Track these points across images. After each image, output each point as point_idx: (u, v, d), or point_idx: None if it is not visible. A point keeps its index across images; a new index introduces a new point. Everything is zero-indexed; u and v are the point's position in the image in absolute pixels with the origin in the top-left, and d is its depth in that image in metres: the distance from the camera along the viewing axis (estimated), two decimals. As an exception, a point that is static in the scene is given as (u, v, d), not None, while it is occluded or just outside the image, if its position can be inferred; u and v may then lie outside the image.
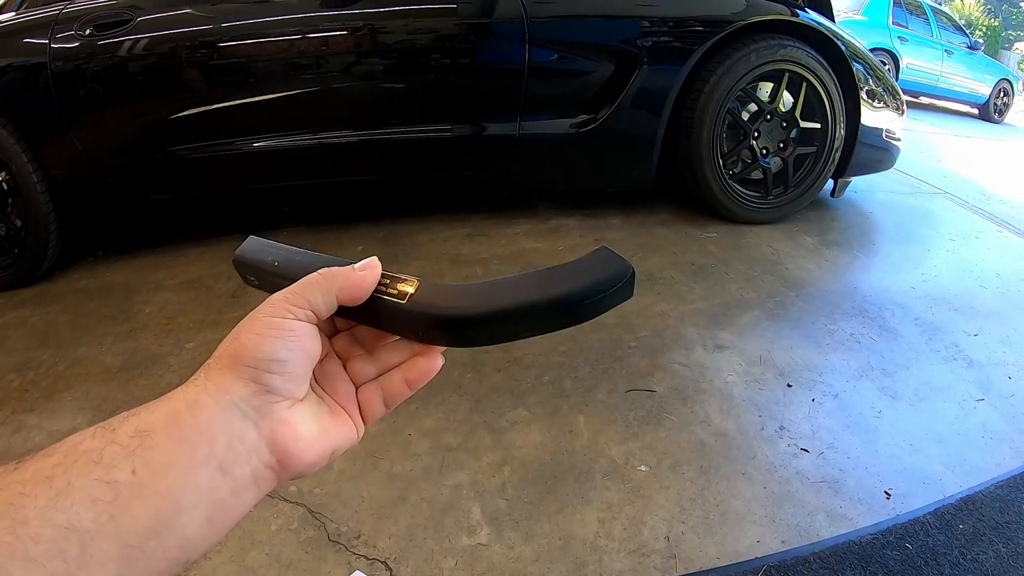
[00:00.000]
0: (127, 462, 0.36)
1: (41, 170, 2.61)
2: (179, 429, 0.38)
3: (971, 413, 1.93)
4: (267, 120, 2.70)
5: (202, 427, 0.39)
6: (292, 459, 0.42)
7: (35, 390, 1.99)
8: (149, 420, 0.38)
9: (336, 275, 0.45)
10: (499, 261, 2.62)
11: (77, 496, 0.34)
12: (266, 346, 0.41)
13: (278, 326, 0.42)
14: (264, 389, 0.41)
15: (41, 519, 0.33)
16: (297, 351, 0.42)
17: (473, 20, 2.73)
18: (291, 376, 0.42)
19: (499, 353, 2.04)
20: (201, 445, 0.38)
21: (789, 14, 2.94)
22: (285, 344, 0.42)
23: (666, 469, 1.61)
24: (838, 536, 1.46)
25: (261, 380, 0.41)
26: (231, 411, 0.40)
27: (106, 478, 0.35)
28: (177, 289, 2.55)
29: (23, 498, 0.34)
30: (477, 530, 1.44)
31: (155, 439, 0.37)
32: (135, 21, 2.52)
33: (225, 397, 0.40)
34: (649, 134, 2.87)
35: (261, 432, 0.41)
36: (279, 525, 1.45)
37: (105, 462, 0.36)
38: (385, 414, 0.51)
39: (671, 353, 2.07)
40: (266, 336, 0.42)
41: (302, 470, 0.43)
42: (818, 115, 3.06)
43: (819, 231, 3.13)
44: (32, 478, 0.35)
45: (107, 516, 0.34)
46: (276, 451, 0.42)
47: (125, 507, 0.35)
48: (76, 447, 0.36)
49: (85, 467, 0.35)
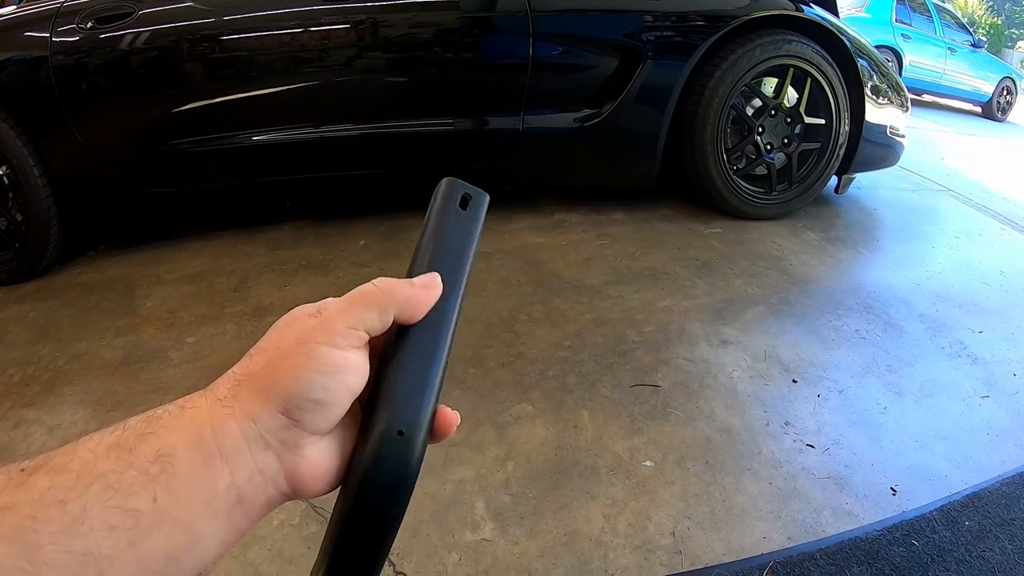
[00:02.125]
0: (147, 490, 0.34)
1: (42, 164, 2.60)
2: (202, 455, 0.36)
3: (976, 410, 1.92)
4: (269, 114, 2.69)
5: (226, 455, 0.37)
6: (304, 488, 0.40)
7: (35, 385, 1.98)
8: (170, 442, 0.36)
9: (395, 290, 0.41)
10: (502, 256, 2.62)
11: (95, 523, 0.33)
12: (307, 383, 0.38)
13: (325, 359, 0.38)
14: (294, 424, 0.38)
15: (56, 545, 0.32)
16: (340, 389, 0.39)
17: (476, 14, 2.72)
18: (327, 416, 0.39)
19: (503, 348, 2.03)
20: (224, 476, 0.37)
21: (794, 9, 2.93)
22: (326, 385, 0.38)
23: (671, 464, 1.60)
24: (844, 532, 1.45)
25: (293, 416, 0.38)
26: (257, 442, 0.38)
27: (125, 506, 0.34)
28: (178, 283, 2.54)
29: (35, 522, 0.32)
30: (481, 525, 1.43)
31: (177, 466, 0.36)
32: (136, 14, 2.51)
33: (252, 427, 0.38)
34: (653, 129, 2.86)
35: (283, 465, 0.39)
36: (281, 520, 1.45)
37: (124, 489, 0.34)
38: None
39: (675, 348, 2.06)
40: (309, 370, 0.38)
41: (312, 496, 0.41)
42: (822, 111, 3.05)
43: (823, 227, 3.12)
44: (42, 499, 0.33)
45: (126, 543, 0.33)
46: (292, 483, 0.39)
47: (145, 535, 0.34)
48: (91, 468, 0.34)
49: (102, 492, 0.34)
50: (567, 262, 2.59)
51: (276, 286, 2.43)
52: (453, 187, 0.47)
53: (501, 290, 2.36)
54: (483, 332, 2.11)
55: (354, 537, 0.40)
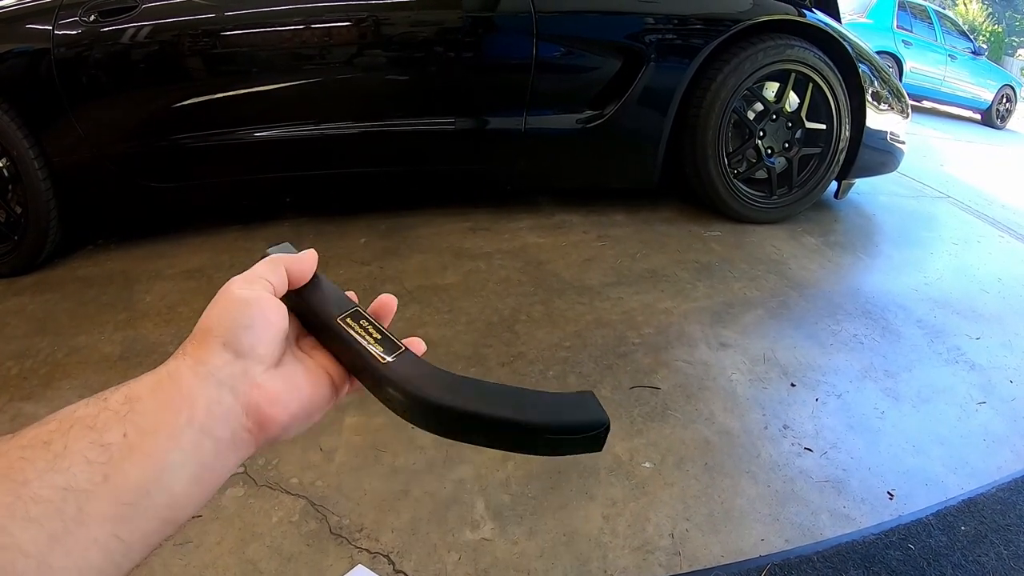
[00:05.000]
0: (119, 426, 0.39)
1: (42, 157, 2.59)
2: (164, 395, 0.41)
3: (973, 416, 1.93)
4: (270, 110, 2.69)
5: (184, 393, 0.42)
6: (267, 420, 0.45)
7: (34, 378, 1.98)
8: (137, 389, 0.42)
9: (280, 258, 0.51)
10: (502, 256, 2.62)
11: (74, 458, 0.37)
12: (230, 315, 0.45)
13: (239, 297, 0.46)
14: (236, 356, 0.44)
15: (40, 481, 0.35)
16: (260, 317, 0.46)
17: (479, 13, 2.72)
18: (259, 339, 0.45)
19: (503, 348, 2.03)
20: (183, 409, 0.41)
21: (796, 14, 2.94)
22: (248, 312, 0.45)
23: (670, 466, 1.61)
24: (841, 536, 1.46)
25: (232, 346, 0.44)
26: (208, 379, 0.43)
27: (100, 441, 0.38)
28: (177, 278, 2.54)
29: (23, 462, 0.36)
30: (481, 525, 1.43)
31: (143, 405, 0.41)
32: (139, 8, 2.51)
33: (201, 368, 0.43)
34: (655, 131, 2.87)
35: (236, 397, 0.44)
36: (280, 517, 1.45)
37: (99, 427, 0.39)
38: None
39: (675, 350, 2.07)
40: (229, 308, 0.46)
41: (278, 431, 0.46)
42: (823, 116, 3.06)
43: (822, 232, 3.13)
44: (30, 443, 0.37)
45: (101, 476, 0.37)
46: (251, 413, 0.44)
47: (118, 467, 0.38)
48: (71, 414, 0.39)
49: (80, 432, 0.38)
50: (568, 263, 2.59)
51: (276, 282, 2.43)
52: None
53: (501, 290, 2.37)
54: (483, 331, 2.11)
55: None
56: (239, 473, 1.54)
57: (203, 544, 1.37)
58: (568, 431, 0.45)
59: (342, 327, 0.50)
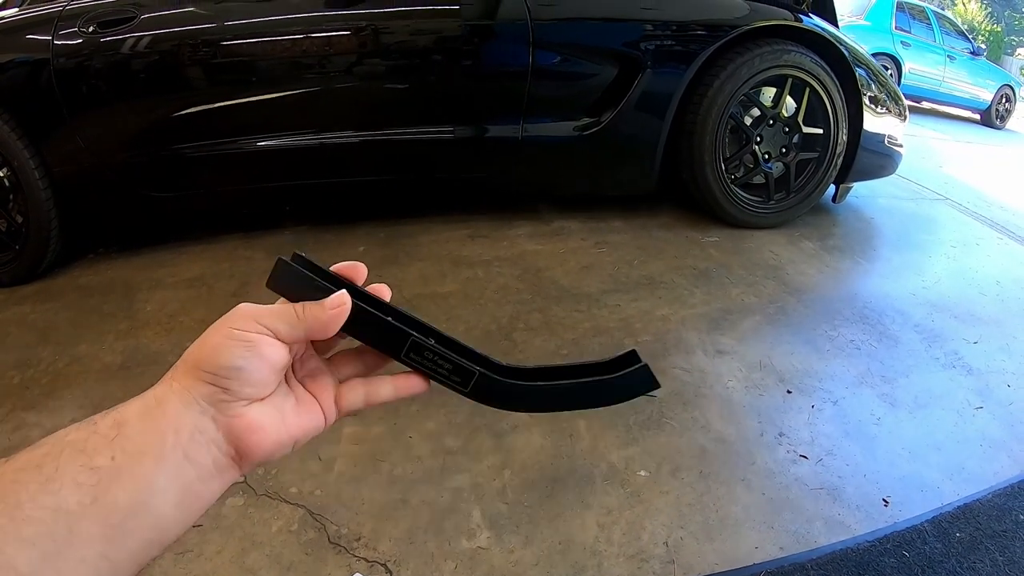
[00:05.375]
0: (107, 450, 0.41)
1: (43, 167, 2.61)
2: (151, 420, 0.43)
3: (970, 421, 1.93)
4: (270, 119, 2.70)
5: (169, 419, 0.43)
6: (249, 448, 0.46)
7: (35, 387, 1.99)
8: (125, 414, 0.43)
9: (308, 316, 0.48)
10: (501, 263, 2.63)
11: (64, 481, 0.39)
12: (224, 355, 0.45)
13: (238, 337, 0.46)
14: (223, 390, 0.45)
15: (33, 503, 0.37)
16: (254, 360, 0.46)
17: (476, 22, 2.73)
18: (248, 381, 0.46)
19: (501, 357, 2.03)
20: (169, 435, 0.43)
21: (792, 19, 2.94)
22: (242, 354, 0.45)
23: (666, 474, 1.62)
24: (836, 543, 1.46)
25: (219, 384, 0.45)
26: (192, 407, 0.44)
27: (89, 464, 0.40)
28: (178, 287, 2.55)
29: (16, 485, 0.38)
30: (477, 533, 1.44)
31: (130, 429, 0.42)
32: (139, 19, 2.52)
33: (187, 395, 0.45)
34: (652, 138, 2.88)
35: (219, 426, 0.45)
36: (279, 526, 1.46)
37: (88, 450, 0.40)
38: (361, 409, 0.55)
39: (672, 358, 2.07)
40: (225, 346, 0.45)
41: (262, 458, 0.47)
42: (820, 120, 3.06)
43: (820, 236, 3.13)
44: (23, 466, 0.39)
45: (90, 499, 0.39)
46: (233, 442, 0.46)
47: (106, 490, 0.39)
48: (63, 439, 0.41)
49: (71, 455, 0.40)
50: (565, 270, 2.60)
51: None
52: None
53: (499, 297, 2.37)
54: (481, 340, 2.12)
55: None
56: (239, 483, 1.55)
57: (203, 553, 1.38)
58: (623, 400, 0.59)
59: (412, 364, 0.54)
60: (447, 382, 0.54)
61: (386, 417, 1.77)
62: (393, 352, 0.53)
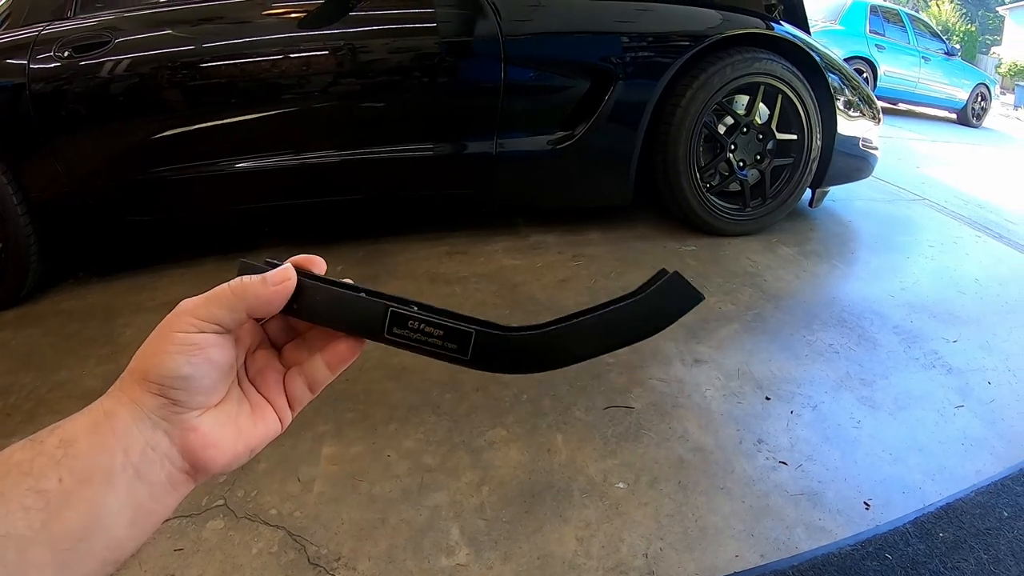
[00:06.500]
0: (54, 471, 0.39)
1: (21, 192, 2.60)
2: (99, 437, 0.41)
3: (951, 420, 1.94)
4: (249, 141, 2.70)
5: (119, 435, 0.41)
6: (204, 464, 0.44)
7: (17, 414, 1.97)
8: (72, 430, 0.41)
9: (246, 292, 0.45)
10: (478, 279, 2.63)
11: (11, 506, 0.37)
12: (169, 364, 0.43)
13: (181, 341, 0.43)
14: (171, 402, 0.43)
15: None
16: (202, 366, 0.43)
17: (449, 39, 2.74)
18: (197, 389, 0.44)
19: (477, 373, 2.03)
20: (118, 453, 0.41)
21: (764, 27, 2.97)
22: (188, 360, 0.43)
23: (644, 486, 1.61)
24: (817, 549, 1.46)
25: (168, 395, 0.43)
26: (144, 421, 0.42)
27: (36, 487, 0.38)
28: (159, 311, 2.52)
29: None
30: (456, 551, 1.44)
31: (78, 448, 0.40)
32: (113, 43, 2.52)
33: (137, 409, 0.42)
34: (626, 149, 2.89)
35: (172, 440, 0.43)
36: (259, 548, 1.45)
37: (35, 472, 0.38)
38: (311, 399, 0.52)
39: (649, 369, 2.08)
40: (169, 353, 0.43)
41: (218, 471, 0.45)
42: (794, 126, 3.09)
43: (798, 242, 3.15)
44: None
45: (39, 523, 0.37)
46: (188, 457, 0.44)
47: (55, 514, 0.38)
48: (7, 460, 0.39)
49: (17, 478, 0.38)
50: (542, 284, 2.60)
51: (255, 313, 2.43)
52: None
53: (477, 314, 2.35)
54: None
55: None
56: (219, 505, 1.55)
57: (183, 579, 1.38)
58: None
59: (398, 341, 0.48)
60: (442, 353, 0.48)
61: (364, 436, 1.77)
62: (372, 332, 0.48)
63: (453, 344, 0.48)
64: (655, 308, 0.50)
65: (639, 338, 0.50)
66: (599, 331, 0.49)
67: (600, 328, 0.49)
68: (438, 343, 0.48)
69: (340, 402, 1.89)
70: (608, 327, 0.49)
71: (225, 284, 0.46)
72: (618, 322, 0.49)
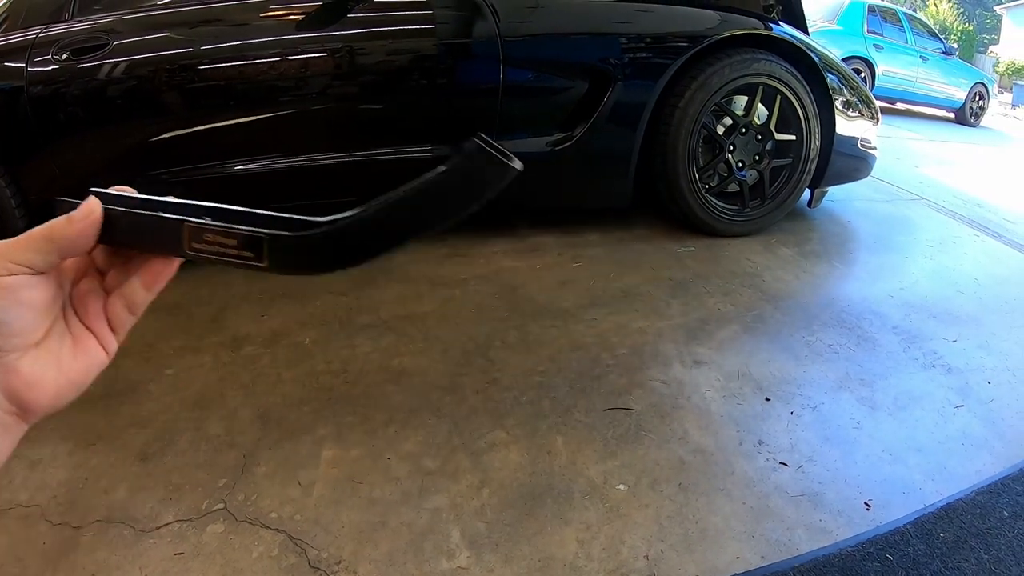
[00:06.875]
0: None
1: (19, 194, 2.59)
2: None
3: (950, 420, 1.94)
4: (247, 143, 2.69)
5: None
6: (29, 404, 0.44)
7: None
8: None
9: (54, 234, 0.44)
10: (477, 281, 2.63)
11: None
12: None
13: None
14: None
15: None
16: (13, 309, 0.43)
17: (448, 41, 2.74)
18: (12, 332, 0.43)
19: (477, 375, 2.04)
20: None
21: (763, 28, 2.97)
22: (3, 301, 0.42)
23: (645, 487, 1.61)
24: (818, 550, 1.46)
25: None
26: None
27: None
28: (157, 314, 2.53)
29: None
30: (457, 553, 1.44)
31: None
32: (111, 45, 2.52)
33: None
34: (625, 150, 2.89)
35: None
36: (260, 552, 1.45)
37: None
38: (133, 322, 0.51)
39: (649, 370, 2.08)
40: None
41: (47, 410, 0.45)
42: (793, 127, 3.09)
43: (797, 242, 3.15)
44: None
45: None
46: (13, 400, 0.43)
47: None
48: None
49: None
50: (542, 286, 2.60)
51: (254, 316, 2.43)
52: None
53: (476, 316, 2.37)
54: (458, 359, 2.12)
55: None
56: (219, 509, 1.54)
57: (182, 584, 1.37)
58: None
59: (200, 255, 0.46)
60: (241, 262, 0.45)
61: (364, 439, 1.76)
62: (174, 250, 0.46)
63: (248, 252, 0.45)
64: (460, 181, 0.45)
65: (446, 218, 0.45)
66: (395, 213, 0.45)
67: (404, 212, 0.45)
68: (234, 253, 0.45)
69: (340, 405, 1.89)
70: (412, 209, 0.45)
71: (38, 227, 0.44)
72: (421, 203, 0.44)
